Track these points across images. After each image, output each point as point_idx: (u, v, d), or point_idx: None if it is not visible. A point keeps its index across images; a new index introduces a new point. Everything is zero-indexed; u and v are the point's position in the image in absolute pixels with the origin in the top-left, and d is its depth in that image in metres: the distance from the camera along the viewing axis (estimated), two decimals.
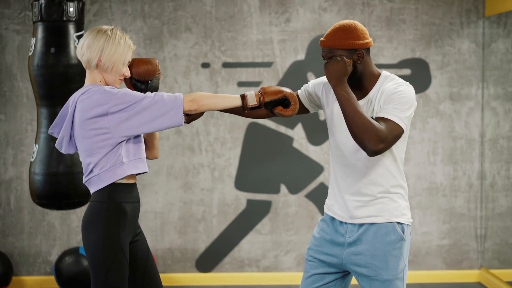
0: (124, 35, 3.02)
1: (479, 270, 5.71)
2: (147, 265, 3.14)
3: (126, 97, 2.90)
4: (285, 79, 5.59)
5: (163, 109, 2.90)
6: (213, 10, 5.58)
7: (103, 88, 2.93)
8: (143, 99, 2.90)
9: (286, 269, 5.71)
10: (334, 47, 2.90)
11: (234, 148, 5.65)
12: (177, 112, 2.90)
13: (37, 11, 4.26)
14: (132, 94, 2.91)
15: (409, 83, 2.94)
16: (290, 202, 5.68)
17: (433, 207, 5.69)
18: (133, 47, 3.04)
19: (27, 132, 5.55)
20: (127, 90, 2.95)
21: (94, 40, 2.98)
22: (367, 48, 2.92)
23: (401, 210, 2.95)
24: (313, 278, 3.07)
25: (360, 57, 2.89)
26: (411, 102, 2.85)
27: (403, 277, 2.94)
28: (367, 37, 2.93)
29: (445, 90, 5.64)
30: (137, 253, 3.11)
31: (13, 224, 5.61)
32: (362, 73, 2.93)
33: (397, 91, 2.86)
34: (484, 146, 5.64)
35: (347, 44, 2.88)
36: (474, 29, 5.62)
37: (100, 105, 2.90)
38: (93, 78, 3.02)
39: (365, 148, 2.78)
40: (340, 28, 2.91)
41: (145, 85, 3.12)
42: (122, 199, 2.99)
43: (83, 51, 3.00)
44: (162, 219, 5.66)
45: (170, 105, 2.90)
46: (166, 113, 2.90)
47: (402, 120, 2.82)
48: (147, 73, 3.11)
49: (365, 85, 2.94)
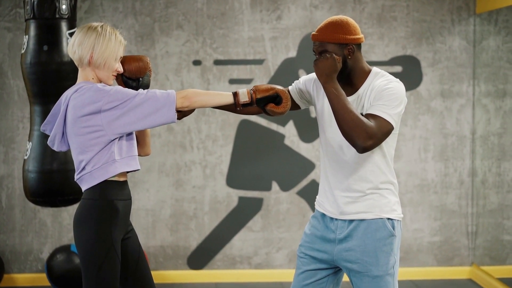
0: (114, 30, 3.02)
1: (470, 266, 5.73)
2: (138, 262, 3.14)
3: (119, 95, 2.90)
4: (276, 76, 5.59)
5: (156, 106, 2.90)
6: (205, 8, 5.58)
7: (95, 85, 2.93)
8: (136, 96, 2.90)
9: (277, 266, 5.71)
10: (325, 41, 2.90)
11: (226, 145, 5.65)
12: (170, 109, 2.91)
13: (30, 9, 4.24)
14: (125, 92, 2.91)
15: (400, 80, 2.95)
16: (282, 199, 5.69)
17: (425, 204, 5.70)
18: (124, 43, 3.04)
19: (18, 130, 5.54)
20: (119, 87, 2.95)
21: (85, 37, 2.98)
22: (358, 44, 2.92)
23: (391, 206, 2.96)
24: (305, 275, 3.08)
25: (350, 52, 2.90)
26: (401, 98, 2.86)
27: (393, 273, 2.95)
28: (358, 32, 2.93)
29: (436, 87, 5.65)
30: (129, 251, 3.11)
31: (5, 221, 5.60)
32: (352, 69, 2.93)
33: (387, 88, 2.86)
34: (475, 143, 5.66)
35: (338, 38, 2.89)
36: (465, 26, 5.63)
37: (92, 102, 2.89)
38: (86, 75, 3.02)
39: (355, 145, 2.79)
40: (332, 23, 2.92)
41: (136, 82, 3.13)
42: (114, 197, 2.99)
43: (74, 49, 3.00)
44: (154, 216, 5.66)
45: (163, 102, 2.90)
46: (159, 110, 2.91)
47: (391, 116, 2.83)
48: (138, 70, 3.12)
49: (355, 81, 2.95)
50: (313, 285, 3.07)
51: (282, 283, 5.60)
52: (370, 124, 2.78)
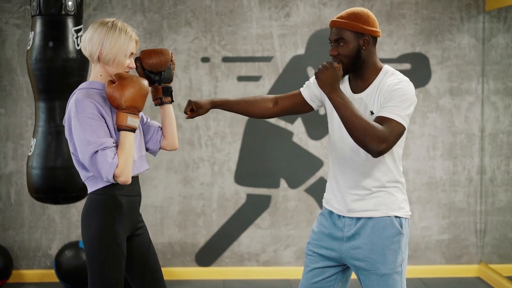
0: (125, 26, 2.99)
1: (478, 265, 5.72)
2: (148, 259, 3.13)
3: (85, 131, 2.86)
4: (284, 74, 5.59)
5: (92, 167, 2.88)
6: (213, 5, 5.58)
7: (80, 96, 2.91)
8: (87, 151, 2.85)
9: (285, 263, 5.71)
10: (343, 27, 2.92)
11: (234, 142, 5.65)
12: (107, 177, 2.88)
13: (36, 5, 4.25)
14: (88, 137, 2.86)
15: (410, 79, 2.95)
16: (290, 197, 5.68)
17: (433, 201, 5.69)
18: (136, 38, 3.01)
19: (27, 126, 5.55)
20: (95, 123, 2.88)
21: (95, 33, 2.97)
22: (374, 37, 2.94)
23: (398, 203, 2.96)
24: (314, 272, 3.08)
25: (366, 42, 2.91)
26: (411, 99, 2.86)
27: (401, 271, 2.95)
28: (376, 26, 2.95)
29: (445, 85, 5.64)
30: (138, 247, 3.11)
31: (13, 218, 5.62)
32: (365, 61, 2.94)
33: (397, 88, 2.86)
34: (484, 140, 5.64)
35: (356, 26, 2.90)
36: (474, 23, 5.61)
37: (68, 112, 2.93)
38: (96, 72, 3.02)
39: (369, 150, 2.79)
40: (353, 12, 2.95)
41: (158, 76, 3.12)
42: (118, 192, 2.98)
43: (85, 45, 2.99)
44: (162, 213, 5.66)
45: (97, 171, 2.87)
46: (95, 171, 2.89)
47: (403, 118, 2.83)
48: (159, 64, 3.10)
49: (366, 76, 2.96)
50: (321, 283, 3.07)
51: (289, 281, 5.60)
52: (381, 128, 2.78)
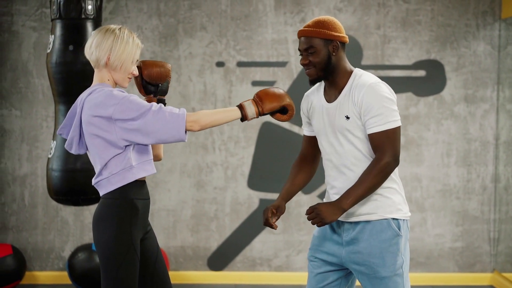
0: (132, 33, 3.03)
1: (491, 273, 5.69)
2: (156, 262, 3.14)
3: (132, 106, 2.89)
4: (299, 79, 5.59)
5: (164, 128, 2.88)
6: (228, 9, 5.59)
7: (109, 90, 2.93)
8: (147, 114, 2.88)
9: (297, 268, 5.71)
10: (311, 36, 2.97)
11: (248, 147, 5.65)
12: (179, 131, 2.89)
13: (56, 9, 4.30)
14: (138, 104, 2.90)
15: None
16: (303, 202, 5.68)
17: (447, 209, 5.67)
18: (141, 46, 3.05)
19: (42, 129, 5.59)
20: (133, 97, 2.93)
21: (103, 39, 2.99)
22: (342, 43, 2.99)
23: (395, 205, 2.98)
24: (318, 278, 3.09)
25: (335, 48, 2.97)
26: (389, 97, 2.91)
27: (402, 273, 2.96)
28: (343, 32, 3.02)
29: (460, 92, 5.62)
30: (147, 251, 3.12)
31: (27, 219, 5.65)
32: (336, 67, 2.98)
33: (370, 94, 2.90)
34: (498, 148, 5.62)
35: (324, 33, 2.96)
36: (490, 31, 5.59)
37: (104, 107, 2.90)
38: (101, 77, 3.03)
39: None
40: (319, 20, 3.00)
41: (155, 87, 3.15)
42: (134, 196, 2.99)
43: (91, 50, 3.01)
44: (175, 217, 5.67)
45: (172, 125, 2.88)
46: (167, 132, 2.89)
47: (393, 119, 2.89)
48: (159, 76, 3.14)
49: (338, 81, 3.00)
50: None
51: (301, 286, 5.59)
52: (382, 161, 2.87)
